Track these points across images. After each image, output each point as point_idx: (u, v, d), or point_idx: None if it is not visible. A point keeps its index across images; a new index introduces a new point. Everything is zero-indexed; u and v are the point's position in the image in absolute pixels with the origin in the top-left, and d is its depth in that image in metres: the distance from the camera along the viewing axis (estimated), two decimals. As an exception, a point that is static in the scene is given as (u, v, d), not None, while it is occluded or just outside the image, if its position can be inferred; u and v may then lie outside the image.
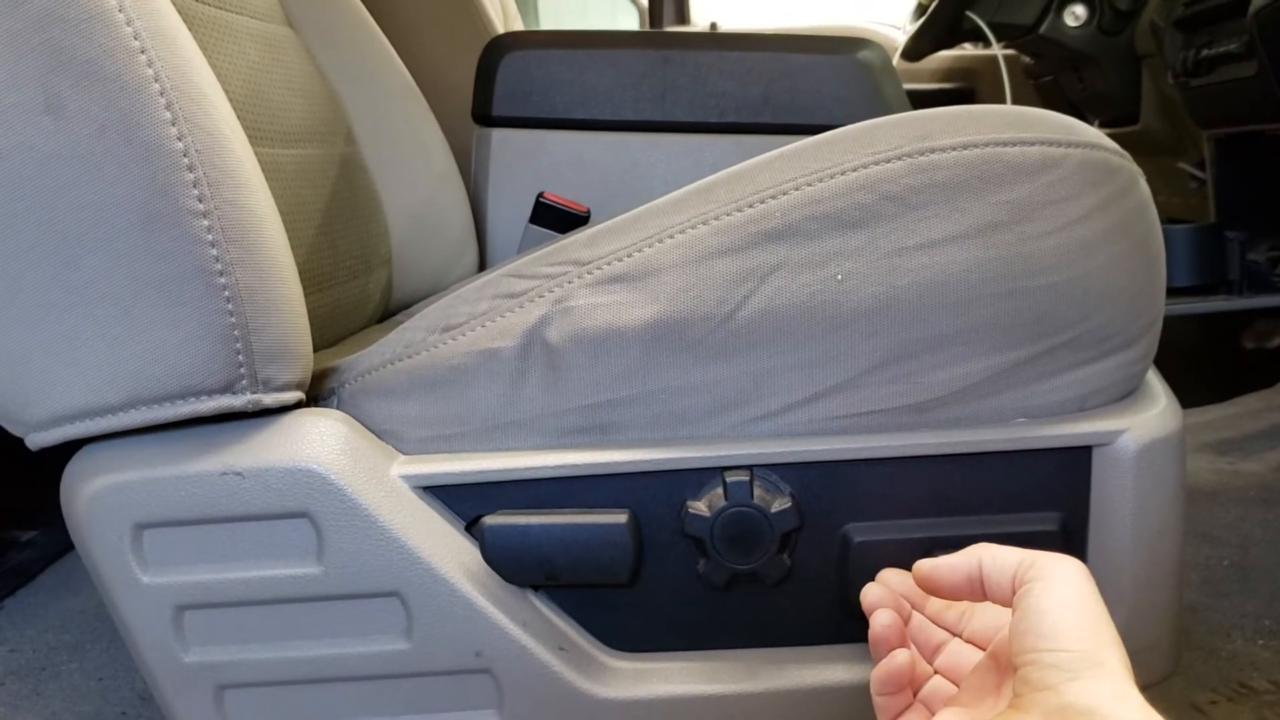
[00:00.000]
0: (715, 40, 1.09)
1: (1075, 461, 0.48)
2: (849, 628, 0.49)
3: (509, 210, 1.07)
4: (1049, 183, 0.45)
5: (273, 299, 0.46)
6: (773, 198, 0.46)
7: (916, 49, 1.73)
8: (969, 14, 1.51)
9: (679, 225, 0.47)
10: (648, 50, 1.06)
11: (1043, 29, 1.48)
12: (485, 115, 1.05)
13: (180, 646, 0.48)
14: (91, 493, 0.47)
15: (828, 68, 1.07)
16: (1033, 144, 0.45)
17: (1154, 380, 0.52)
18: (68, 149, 0.43)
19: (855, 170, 0.45)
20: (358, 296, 0.83)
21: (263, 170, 0.50)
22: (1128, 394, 0.50)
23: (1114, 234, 0.47)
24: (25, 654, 0.96)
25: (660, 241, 0.47)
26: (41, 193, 0.43)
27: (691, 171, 1.06)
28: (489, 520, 0.47)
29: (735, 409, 0.47)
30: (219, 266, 0.44)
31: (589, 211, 1.01)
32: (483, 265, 1.05)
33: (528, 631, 0.48)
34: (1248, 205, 1.27)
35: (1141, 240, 0.48)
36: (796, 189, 0.46)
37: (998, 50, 1.59)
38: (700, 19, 2.24)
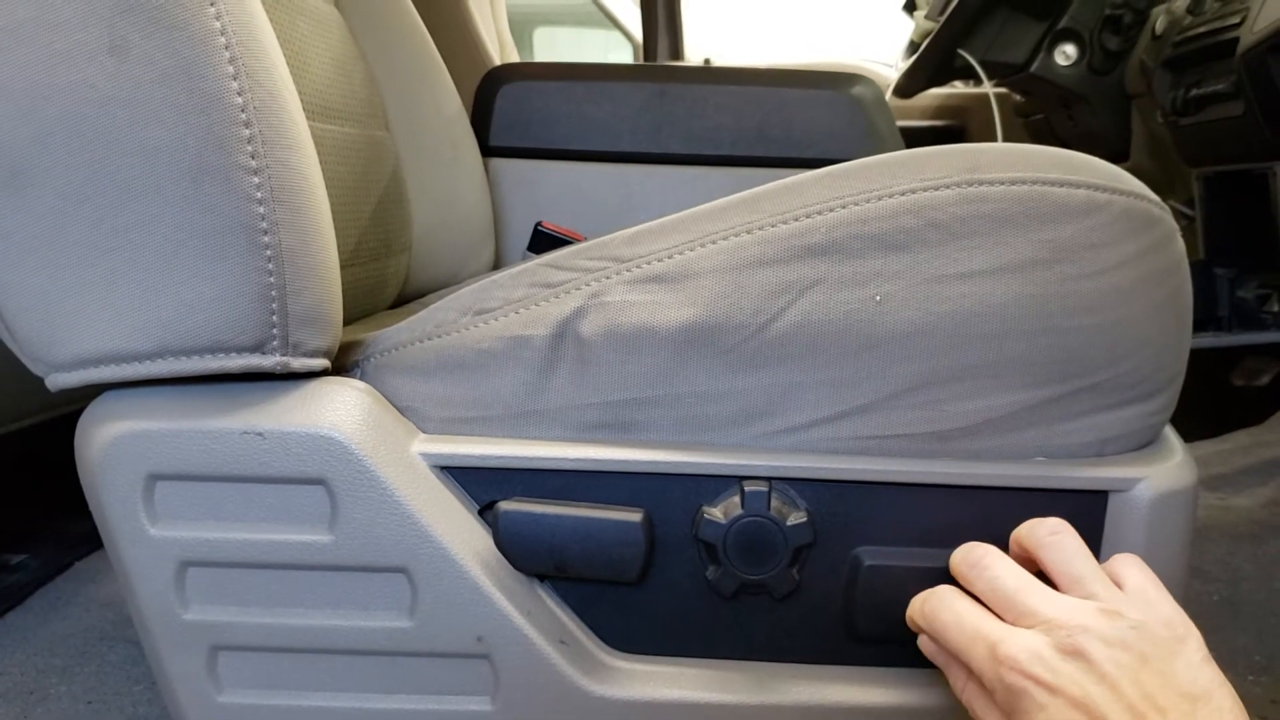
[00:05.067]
0: (711, 74, 1.11)
1: (1091, 505, 0.48)
2: (851, 650, 0.49)
3: (505, 239, 1.09)
4: (1091, 226, 0.46)
5: (312, 264, 0.46)
6: (819, 213, 0.46)
7: (908, 86, 1.74)
8: (961, 52, 1.53)
9: (722, 231, 0.47)
10: (644, 83, 1.08)
11: (1034, 68, 1.49)
12: (483, 145, 1.06)
13: (180, 603, 0.48)
14: (108, 439, 0.47)
15: (822, 102, 1.08)
16: (1079, 187, 0.46)
17: (1170, 433, 0.52)
18: (127, 92, 0.43)
19: (904, 194, 0.46)
20: (376, 279, 0.83)
21: (307, 139, 0.50)
22: (1145, 444, 0.50)
23: (1149, 284, 0.47)
24: (14, 677, 0.95)
25: (702, 245, 0.47)
26: (96, 133, 0.43)
27: (687, 203, 1.05)
28: (505, 506, 0.47)
29: (759, 420, 0.48)
30: (264, 225, 0.44)
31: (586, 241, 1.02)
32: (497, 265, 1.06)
33: (530, 621, 0.48)
34: (1236, 242, 1.28)
35: (1174, 294, 0.49)
36: (844, 207, 0.46)
37: (989, 88, 1.60)
38: (694, 55, 2.27)
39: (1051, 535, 0.43)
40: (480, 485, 0.49)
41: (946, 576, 0.46)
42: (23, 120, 0.43)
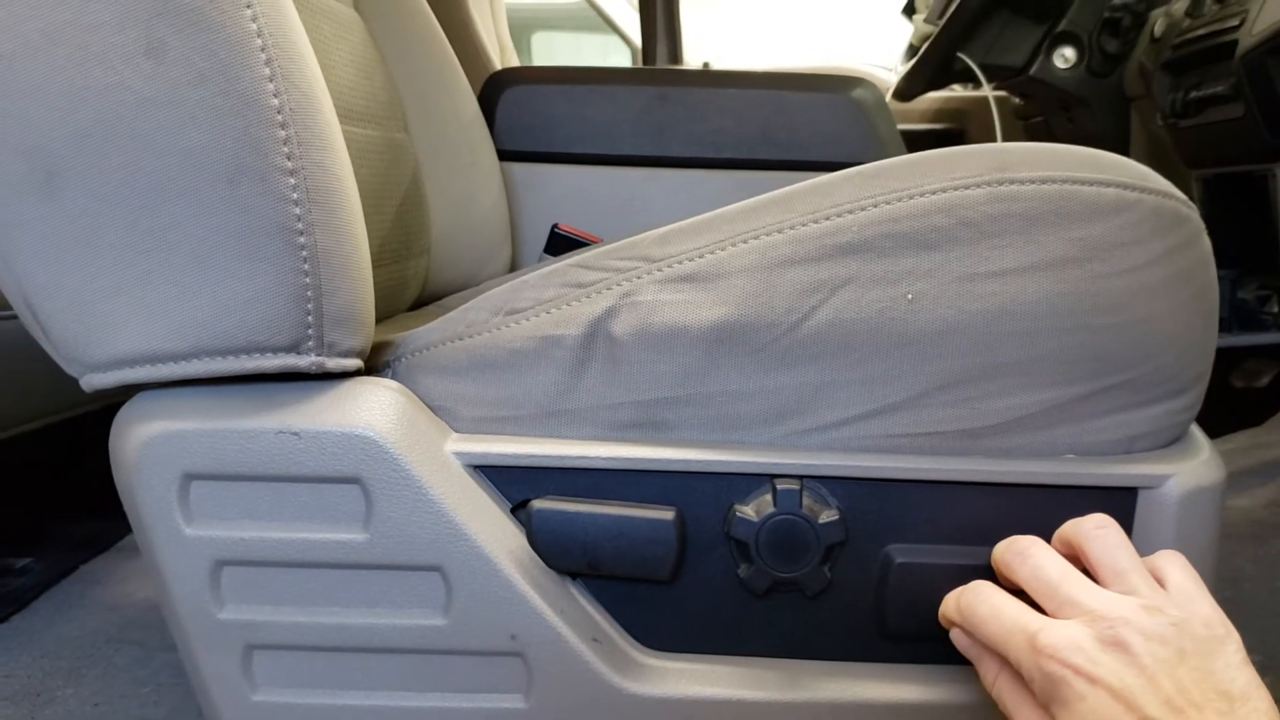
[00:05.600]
0: (712, 78, 1.12)
1: (1120, 502, 0.48)
2: (882, 647, 0.50)
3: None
4: (1121, 225, 0.46)
5: (346, 264, 0.47)
6: (850, 212, 0.46)
7: (908, 89, 1.75)
8: (960, 55, 1.53)
9: (753, 231, 0.47)
10: (646, 87, 1.08)
11: (1033, 70, 1.49)
12: None
13: (215, 602, 0.48)
14: (143, 439, 0.47)
15: (823, 105, 1.09)
16: (1108, 185, 0.46)
17: (1196, 431, 0.53)
18: (164, 94, 0.43)
19: (935, 193, 0.46)
20: (396, 282, 0.84)
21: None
22: (1172, 441, 0.51)
23: (1177, 282, 0.47)
24: (20, 679, 0.95)
25: (733, 245, 0.47)
26: (133, 135, 0.43)
27: (689, 206, 1.08)
28: (538, 504, 0.47)
29: (790, 418, 0.48)
30: (300, 226, 0.44)
31: (601, 243, 1.02)
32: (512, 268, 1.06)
33: (564, 619, 0.48)
34: (1236, 244, 1.28)
35: (1201, 292, 0.49)
36: (875, 206, 0.46)
37: (988, 91, 1.60)
38: (692, 59, 2.28)
39: (1098, 529, 0.43)
40: (512, 484, 0.49)
41: (977, 574, 0.46)
42: (59, 122, 0.43)
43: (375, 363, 0.52)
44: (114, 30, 0.43)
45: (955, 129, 2.08)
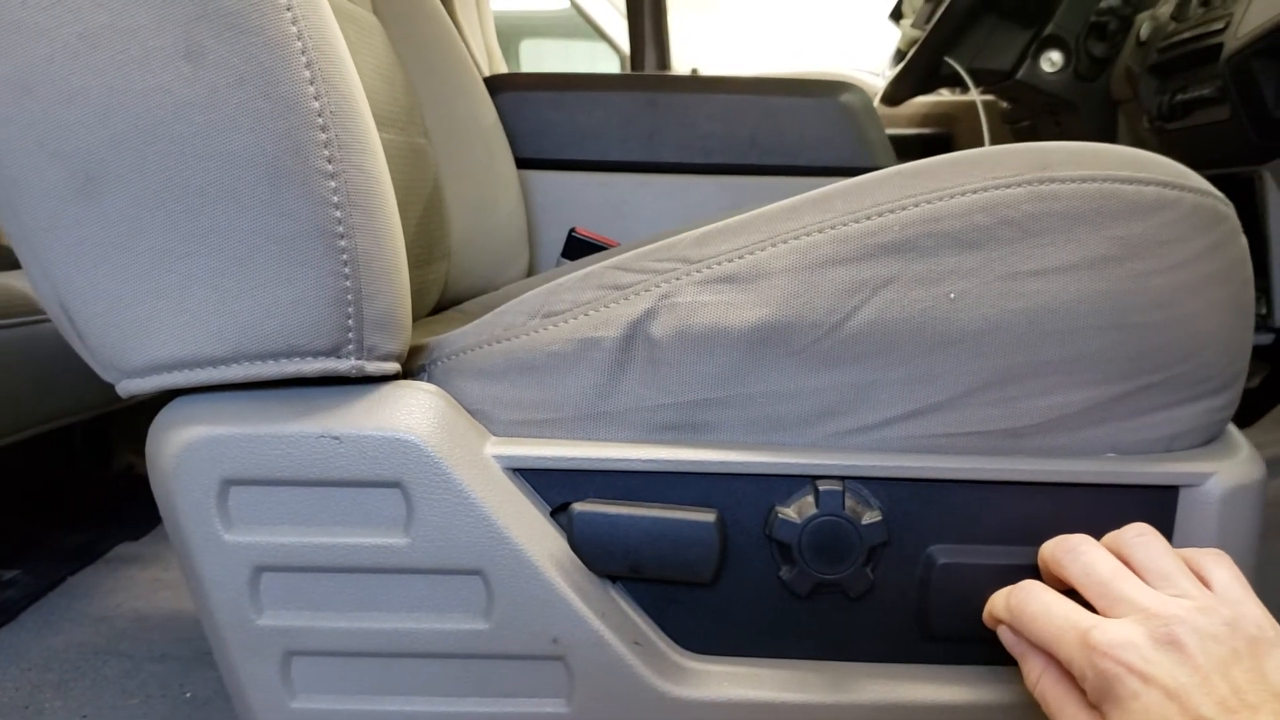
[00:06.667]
0: (701, 83, 1.12)
1: (1162, 501, 0.48)
2: (924, 648, 0.50)
3: None
4: (1162, 223, 0.46)
5: (385, 267, 0.46)
6: (891, 211, 0.46)
7: (895, 94, 1.75)
8: (947, 60, 1.53)
9: (794, 231, 0.47)
10: (635, 92, 1.09)
11: (1020, 74, 1.49)
12: None
13: (254, 609, 0.48)
14: (182, 445, 0.46)
15: (812, 110, 1.09)
16: (1148, 184, 0.46)
17: (1233, 429, 0.53)
18: (204, 97, 0.43)
19: (976, 192, 0.46)
20: (418, 286, 0.83)
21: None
22: (1211, 439, 0.50)
23: (1216, 280, 0.47)
24: (8, 692, 0.95)
25: (773, 245, 0.47)
26: (172, 139, 0.43)
27: (679, 211, 1.08)
28: (578, 507, 0.47)
29: (832, 419, 0.48)
30: (341, 229, 0.44)
31: (620, 247, 1.02)
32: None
33: (605, 623, 0.48)
34: None
35: (1240, 290, 0.49)
36: (916, 205, 0.46)
37: (976, 95, 1.60)
38: (680, 65, 2.28)
39: (1138, 536, 0.43)
40: (552, 487, 0.49)
41: (1020, 573, 0.46)
42: (98, 126, 0.43)
43: (410, 366, 0.52)
44: (153, 34, 0.43)
45: (943, 133, 2.09)
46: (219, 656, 0.49)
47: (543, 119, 1.08)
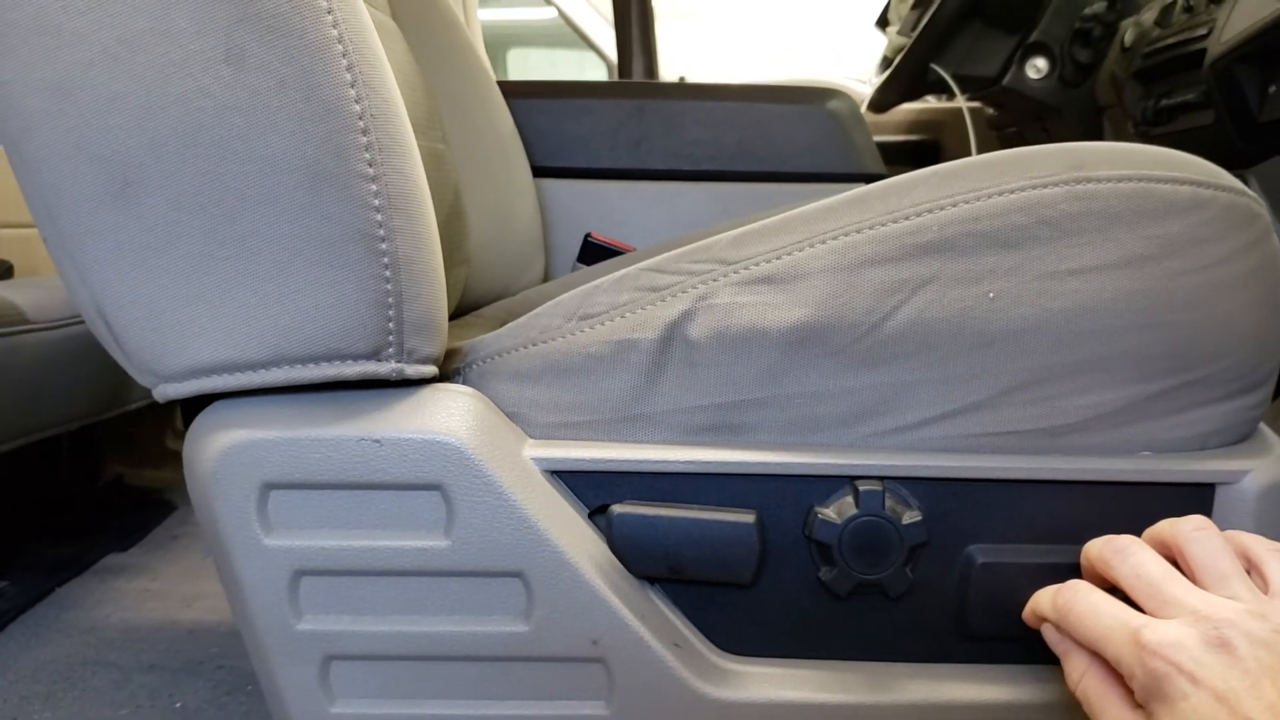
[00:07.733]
0: (689, 91, 1.12)
1: (1198, 498, 0.48)
2: (964, 648, 0.50)
3: None
4: (1197, 222, 0.46)
5: (424, 270, 0.46)
6: (929, 211, 0.46)
7: (882, 101, 1.75)
8: (934, 66, 1.53)
9: (831, 231, 0.47)
10: (623, 100, 1.09)
11: (1006, 81, 1.49)
12: None
13: (293, 613, 0.48)
14: (221, 448, 0.46)
15: (799, 117, 1.10)
16: (1184, 183, 0.46)
17: (1265, 428, 0.53)
18: (244, 100, 0.43)
19: (1014, 192, 0.46)
20: (436, 289, 0.83)
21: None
22: (1244, 438, 0.51)
23: (1251, 279, 0.48)
24: None
25: (811, 246, 0.47)
26: (212, 142, 0.43)
27: (667, 219, 1.09)
28: (618, 509, 0.47)
29: (870, 419, 0.48)
30: (381, 233, 0.44)
31: (635, 252, 1.02)
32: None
33: (645, 624, 0.48)
34: None
35: (1272, 288, 0.49)
36: (954, 205, 0.46)
37: (962, 102, 1.61)
38: (668, 73, 2.28)
39: (1197, 530, 0.43)
40: (590, 489, 0.49)
41: (1059, 572, 0.46)
42: (137, 130, 0.43)
43: (445, 369, 0.52)
44: (193, 38, 0.42)
45: (930, 140, 2.09)
46: (257, 662, 0.49)
47: (530, 127, 1.08)
